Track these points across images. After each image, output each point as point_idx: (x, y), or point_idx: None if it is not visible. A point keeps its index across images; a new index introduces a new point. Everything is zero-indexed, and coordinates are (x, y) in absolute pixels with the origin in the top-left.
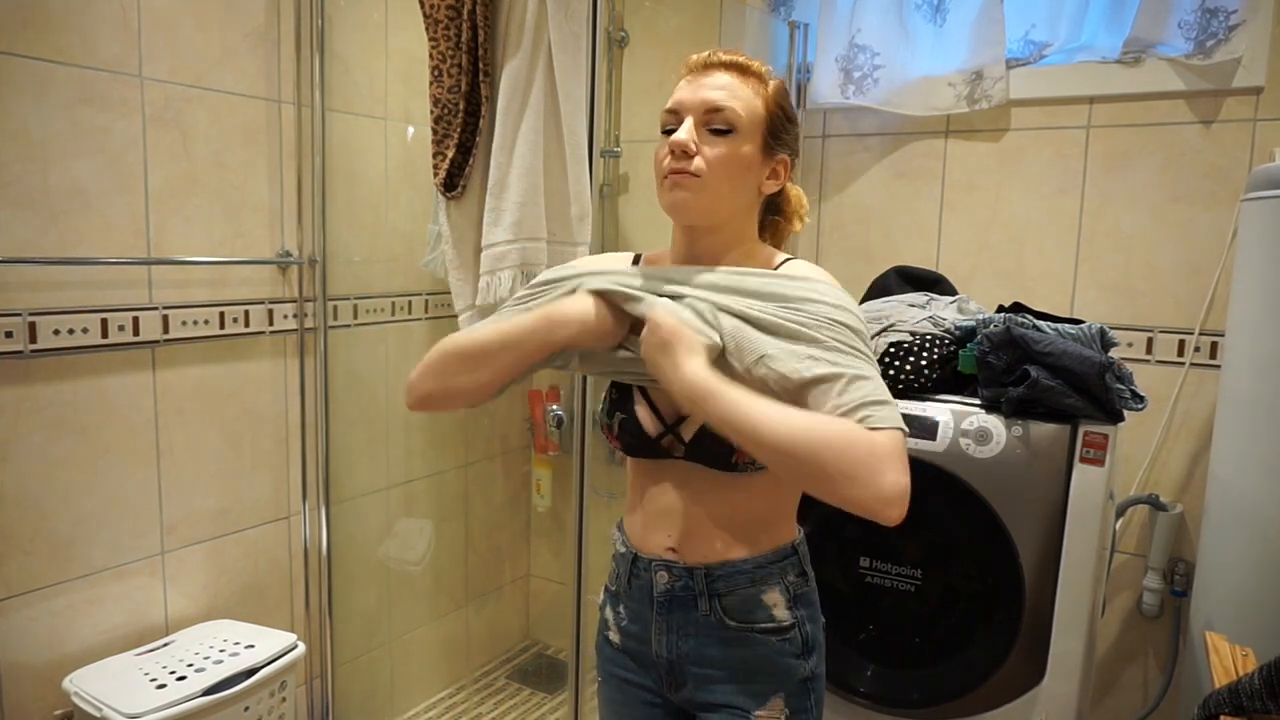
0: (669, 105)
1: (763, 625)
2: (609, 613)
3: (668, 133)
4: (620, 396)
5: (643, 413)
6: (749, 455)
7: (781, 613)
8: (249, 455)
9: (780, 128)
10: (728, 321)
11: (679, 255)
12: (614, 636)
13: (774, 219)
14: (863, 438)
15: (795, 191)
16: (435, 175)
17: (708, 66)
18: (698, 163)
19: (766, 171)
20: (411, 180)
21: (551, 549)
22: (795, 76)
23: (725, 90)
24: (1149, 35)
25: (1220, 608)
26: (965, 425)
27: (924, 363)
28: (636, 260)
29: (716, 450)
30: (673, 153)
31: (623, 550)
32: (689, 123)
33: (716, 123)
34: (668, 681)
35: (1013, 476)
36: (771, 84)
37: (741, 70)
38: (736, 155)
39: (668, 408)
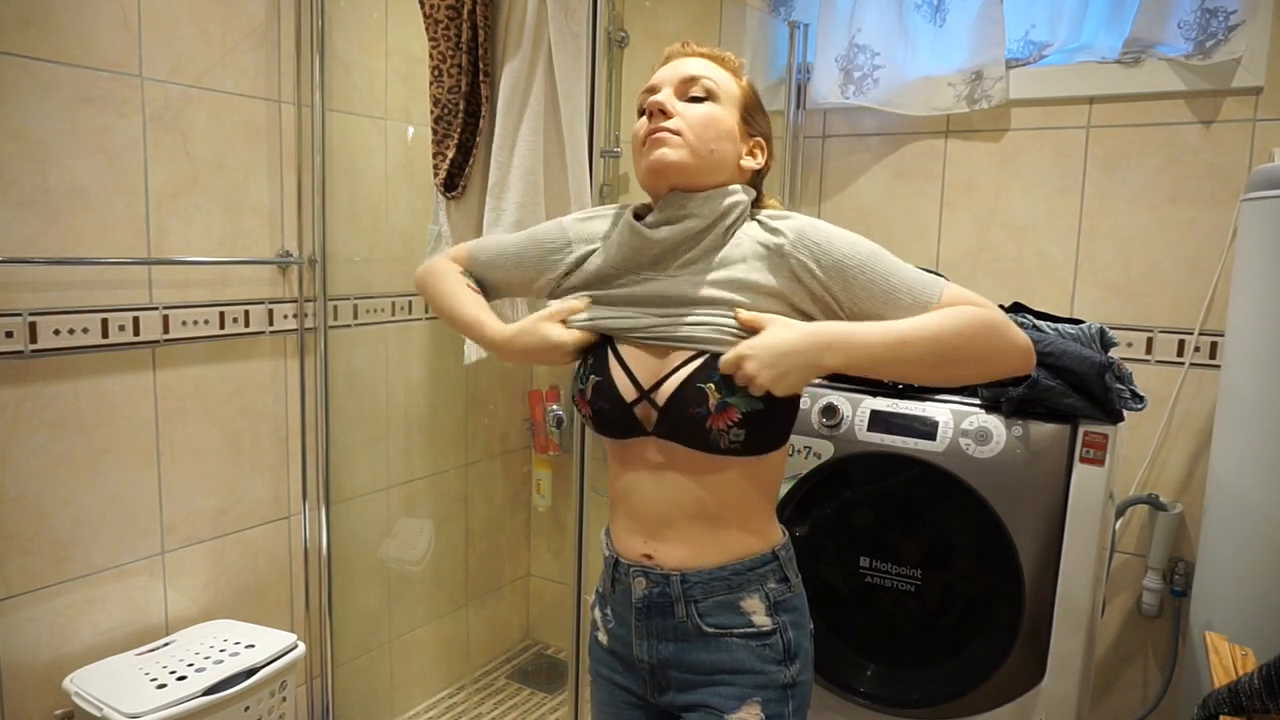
0: (646, 86)
1: (741, 630)
2: (598, 613)
3: (644, 112)
4: (596, 361)
5: (619, 376)
6: (723, 424)
7: (761, 619)
8: (249, 455)
9: (755, 110)
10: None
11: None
12: (602, 637)
13: None
14: (977, 313)
15: (774, 203)
16: (435, 175)
17: (684, 54)
18: (676, 121)
19: (745, 148)
20: (411, 180)
21: (551, 549)
22: (795, 76)
23: (699, 67)
24: (1149, 35)
25: (1220, 608)
26: (965, 425)
27: None
28: (637, 215)
29: (691, 419)
30: (650, 115)
31: (607, 554)
32: (667, 90)
33: (694, 90)
34: (651, 685)
35: (1013, 476)
36: (746, 78)
37: (714, 58)
38: (715, 116)
39: (645, 372)
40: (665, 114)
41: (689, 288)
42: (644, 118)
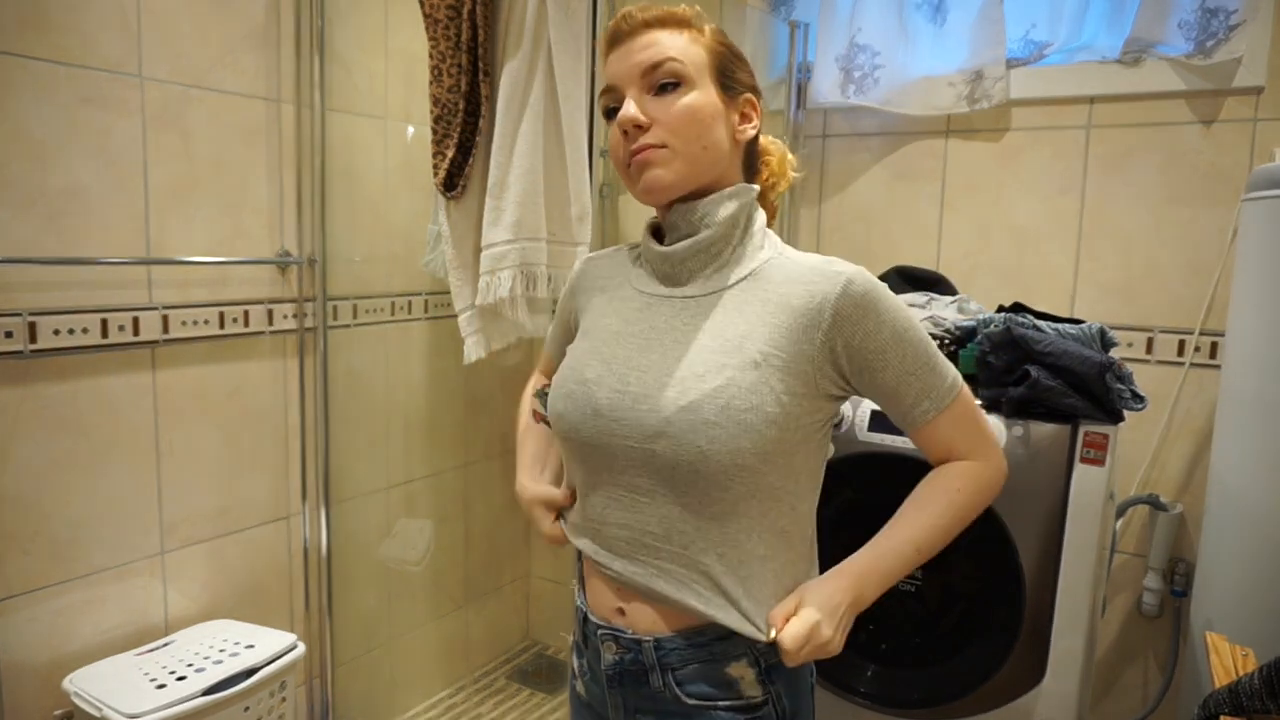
0: (604, 85)
1: (726, 703)
2: (574, 663)
3: (611, 114)
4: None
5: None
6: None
7: (751, 688)
8: (249, 455)
9: (730, 65)
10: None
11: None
12: (580, 689)
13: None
14: (970, 483)
15: (774, 146)
16: (435, 175)
17: (631, 31)
18: (656, 132)
19: (735, 116)
20: (411, 180)
21: (551, 549)
22: (795, 76)
23: (655, 46)
24: (1149, 35)
25: (1220, 608)
26: None
27: None
28: (635, 247)
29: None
30: (626, 133)
31: (578, 603)
32: (631, 98)
33: (660, 78)
34: None
35: (1013, 476)
36: (708, 27)
37: (666, 22)
38: (695, 105)
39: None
40: (641, 128)
41: (717, 315)
42: (613, 125)
